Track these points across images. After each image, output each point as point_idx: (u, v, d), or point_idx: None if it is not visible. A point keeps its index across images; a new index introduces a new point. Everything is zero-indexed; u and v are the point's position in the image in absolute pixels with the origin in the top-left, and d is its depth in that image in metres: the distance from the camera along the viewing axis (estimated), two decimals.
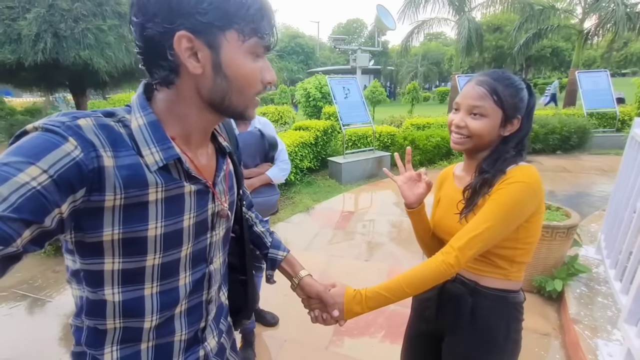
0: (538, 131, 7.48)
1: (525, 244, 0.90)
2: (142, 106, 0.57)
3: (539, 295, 2.49)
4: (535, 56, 24.21)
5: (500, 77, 0.90)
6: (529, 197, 0.84)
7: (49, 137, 0.46)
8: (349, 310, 0.86)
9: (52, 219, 0.45)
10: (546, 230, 2.36)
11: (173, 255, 0.60)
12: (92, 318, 0.60)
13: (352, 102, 6.26)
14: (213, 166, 0.68)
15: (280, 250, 0.94)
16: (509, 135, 0.92)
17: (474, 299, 0.94)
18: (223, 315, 0.80)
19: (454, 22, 14.13)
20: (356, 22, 47.54)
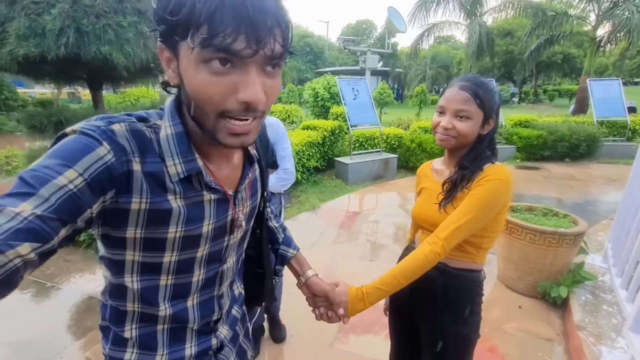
0: (547, 138, 7.45)
1: (491, 233, 1.02)
2: (172, 115, 0.58)
3: (543, 301, 2.50)
4: (545, 62, 24.00)
5: (480, 82, 1.01)
6: (503, 193, 0.96)
7: (85, 140, 0.48)
8: (352, 308, 0.92)
9: (84, 219, 0.48)
10: (553, 237, 2.37)
11: (189, 254, 0.63)
12: (114, 299, 0.65)
13: (360, 103, 6.28)
14: (238, 175, 0.69)
15: (291, 248, 0.98)
16: (484, 134, 1.03)
17: (445, 279, 1.06)
18: (237, 304, 0.84)
19: (465, 25, 14.07)
20: (366, 23, 47.48)
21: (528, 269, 2.53)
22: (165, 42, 0.50)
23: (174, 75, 0.52)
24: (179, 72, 0.51)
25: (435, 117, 1.06)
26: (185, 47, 0.47)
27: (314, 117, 10.03)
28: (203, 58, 0.46)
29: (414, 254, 0.95)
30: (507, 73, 29.30)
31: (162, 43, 0.51)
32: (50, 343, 2.10)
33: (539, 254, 2.45)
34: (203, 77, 0.47)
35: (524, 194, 5.24)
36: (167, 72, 0.53)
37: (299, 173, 5.38)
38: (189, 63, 0.48)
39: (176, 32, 0.47)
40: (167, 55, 0.52)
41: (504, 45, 24.01)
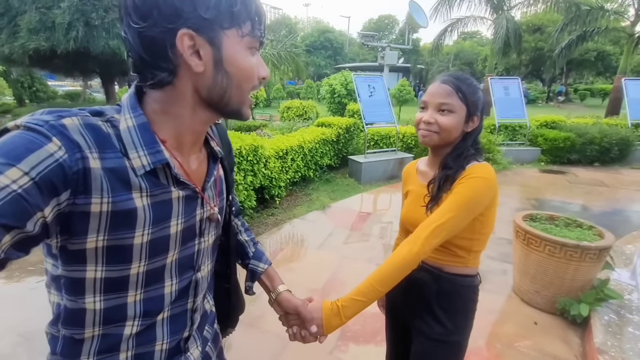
0: (575, 141, 7.05)
1: (480, 234, 0.99)
2: (133, 107, 0.55)
3: (561, 318, 2.33)
4: (577, 60, 22.75)
5: (461, 77, 0.98)
6: (486, 191, 0.92)
7: (31, 136, 0.44)
8: (327, 324, 0.84)
9: (35, 224, 0.44)
10: (575, 250, 2.20)
11: (158, 262, 0.58)
12: (69, 327, 0.57)
13: (376, 100, 6.13)
14: (204, 171, 0.66)
15: (262, 262, 0.92)
16: (468, 132, 0.99)
17: (439, 285, 1.03)
18: (208, 323, 0.78)
19: (491, 21, 13.49)
20: (388, 18, 46.54)
21: (546, 283, 2.37)
22: (200, 31, 0.51)
23: (200, 63, 0.53)
24: (214, 58, 0.53)
25: (418, 113, 1.04)
26: (232, 35, 0.53)
27: (330, 114, 9.93)
28: (249, 45, 0.55)
29: (391, 258, 0.88)
30: (535, 71, 27.99)
31: (194, 32, 0.51)
32: None
33: (559, 267, 2.28)
34: (250, 60, 0.57)
35: (547, 199, 4.97)
36: (191, 59, 0.52)
37: (311, 171, 5.33)
38: (237, 48, 0.54)
39: (223, 22, 0.52)
40: (197, 43, 0.51)
41: (533, 41, 22.91)
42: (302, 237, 3.69)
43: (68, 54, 3.57)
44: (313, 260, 3.19)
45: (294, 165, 4.83)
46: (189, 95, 0.55)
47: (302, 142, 5.04)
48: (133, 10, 0.49)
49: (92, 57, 3.73)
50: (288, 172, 4.68)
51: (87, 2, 3.60)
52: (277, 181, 4.33)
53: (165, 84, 0.54)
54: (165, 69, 0.52)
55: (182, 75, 0.53)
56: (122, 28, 0.52)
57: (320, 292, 2.64)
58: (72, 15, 3.50)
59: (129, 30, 0.51)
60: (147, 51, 0.51)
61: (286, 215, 4.20)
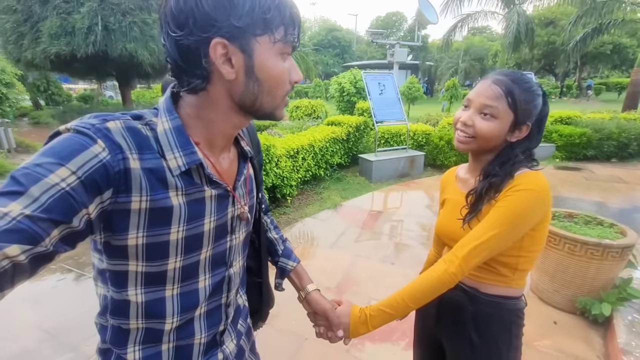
0: (591, 136, 6.88)
1: (529, 252, 0.87)
2: (169, 110, 0.58)
3: (582, 318, 2.28)
4: (592, 53, 22.16)
5: (518, 79, 0.85)
6: (537, 206, 0.81)
7: (79, 138, 0.48)
8: (354, 330, 0.84)
9: (80, 220, 0.47)
10: (596, 249, 2.15)
11: (193, 258, 0.61)
12: (116, 317, 0.62)
13: (387, 98, 6.09)
14: (234, 170, 0.69)
15: (291, 260, 0.95)
16: (517, 141, 0.88)
17: (475, 307, 0.92)
18: (242, 317, 0.81)
19: (502, 15, 13.26)
20: (396, 16, 46.16)
21: (566, 282, 2.32)
22: (232, 39, 0.52)
23: (232, 71, 0.54)
24: (246, 65, 0.54)
25: (459, 111, 0.93)
26: (265, 42, 0.53)
27: (339, 112, 9.90)
28: (281, 50, 0.56)
29: (426, 274, 0.84)
30: (548, 65, 27.41)
31: (227, 40, 0.52)
32: (78, 330, 2.19)
33: (580, 266, 2.23)
34: (282, 65, 0.57)
35: (562, 196, 4.86)
36: (223, 67, 0.53)
37: (322, 169, 5.33)
38: (269, 55, 0.55)
39: (256, 30, 0.52)
40: (229, 51, 0.52)
41: (545, 35, 22.41)
42: (314, 236, 3.70)
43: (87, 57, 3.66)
44: (326, 259, 3.19)
45: (305, 164, 4.84)
46: (222, 101, 0.57)
47: (313, 141, 5.04)
48: (171, 19, 0.51)
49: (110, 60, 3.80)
50: (299, 171, 4.69)
51: (106, 7, 3.66)
52: (288, 180, 4.35)
53: (199, 90, 0.56)
54: (199, 76, 0.54)
55: (215, 82, 0.55)
56: (161, 35, 0.54)
57: (334, 291, 2.64)
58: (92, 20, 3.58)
59: (167, 38, 0.53)
60: (183, 58, 0.53)
61: (298, 214, 4.21)
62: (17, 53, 5.91)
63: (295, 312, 2.19)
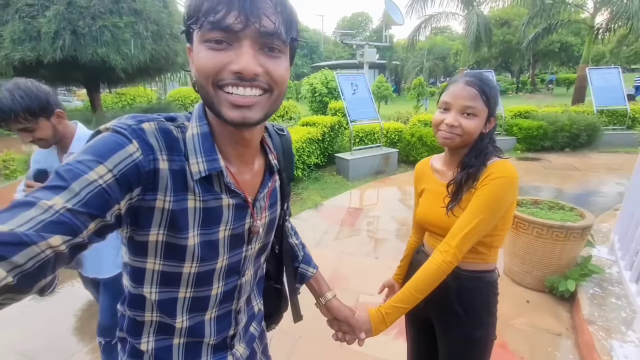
0: (547, 128, 7.42)
1: (501, 231, 1.00)
2: (200, 116, 0.60)
3: (551, 295, 2.49)
4: (543, 51, 23.82)
5: (485, 78, 0.98)
6: (511, 190, 0.94)
7: (117, 138, 0.50)
8: (376, 330, 0.92)
9: (112, 214, 0.49)
10: (560, 231, 2.36)
11: (209, 266, 0.63)
12: (133, 309, 0.66)
13: (360, 98, 6.23)
14: (258, 182, 0.68)
15: (311, 267, 0.97)
16: (486, 132, 1.00)
17: (458, 283, 1.03)
18: (256, 320, 0.82)
19: (462, 16, 13.94)
20: (361, 16, 47.02)
21: (535, 263, 2.52)
22: (189, 40, 0.54)
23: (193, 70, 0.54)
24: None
25: (437, 114, 1.02)
26: (196, 33, 0.52)
27: (312, 113, 9.96)
28: (202, 38, 0.50)
29: (425, 266, 0.94)
30: (505, 63, 29.13)
31: (188, 42, 0.55)
32: (58, 351, 2.08)
33: (546, 248, 2.44)
34: (203, 54, 0.51)
35: (525, 185, 5.22)
36: (192, 68, 0.55)
37: (300, 170, 5.35)
38: (196, 47, 0.52)
39: (191, 25, 0.51)
40: (191, 53, 0.54)
41: (501, 35, 23.80)
42: None
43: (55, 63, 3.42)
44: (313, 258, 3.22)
45: None
46: None
47: None
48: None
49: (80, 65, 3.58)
50: None
51: (74, 10, 3.44)
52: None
53: None
54: None
55: None
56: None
57: None
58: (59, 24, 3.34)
59: None
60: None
61: None
62: None
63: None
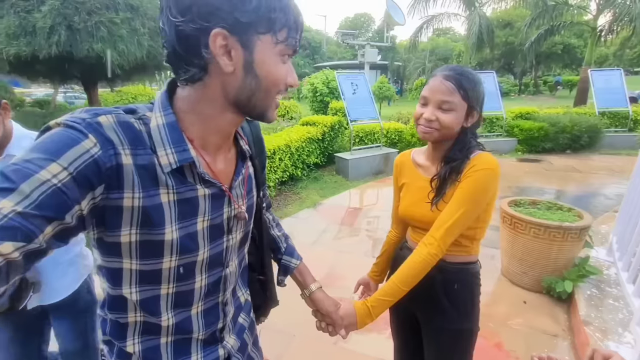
0: (548, 130, 7.40)
1: (483, 223, 1.01)
2: (164, 105, 0.57)
3: (548, 296, 2.48)
4: (546, 53, 23.77)
5: (463, 72, 0.96)
6: (493, 182, 0.94)
7: (69, 133, 0.47)
8: (361, 323, 0.93)
9: (73, 216, 0.46)
10: (558, 231, 2.35)
11: (190, 258, 0.60)
12: (114, 312, 0.62)
13: (360, 97, 6.22)
14: (231, 170, 0.67)
15: (294, 258, 0.96)
16: (468, 127, 0.99)
17: (443, 275, 1.03)
18: (245, 311, 0.81)
19: (464, 17, 13.93)
20: (364, 17, 47.08)
21: (532, 263, 2.51)
22: (234, 32, 0.51)
23: (230, 63, 0.53)
24: (245, 60, 0.54)
25: (418, 108, 1.02)
26: (267, 40, 0.54)
27: (313, 112, 9.96)
28: (282, 52, 0.56)
29: (411, 259, 0.94)
30: (507, 64, 29.07)
31: (228, 32, 0.51)
32: None
33: (544, 248, 2.43)
34: (281, 66, 0.57)
35: (526, 186, 5.20)
36: (221, 59, 0.52)
37: (299, 169, 5.35)
38: (269, 54, 0.55)
39: (259, 27, 0.52)
40: (229, 43, 0.52)
41: (504, 36, 23.77)
42: (295, 235, 3.72)
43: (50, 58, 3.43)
44: (309, 257, 3.15)
45: (282, 165, 4.84)
46: (218, 95, 0.56)
47: (289, 141, 5.06)
48: (173, 4, 0.50)
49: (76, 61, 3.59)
50: (276, 172, 4.69)
51: (69, 6, 3.45)
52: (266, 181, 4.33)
53: (195, 81, 0.55)
54: (196, 65, 0.53)
55: (212, 74, 0.54)
56: (160, 18, 0.53)
57: None
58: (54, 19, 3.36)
59: (167, 22, 0.52)
60: (181, 45, 0.52)
61: (277, 215, 4.16)
62: None
63: (282, 311, 2.21)
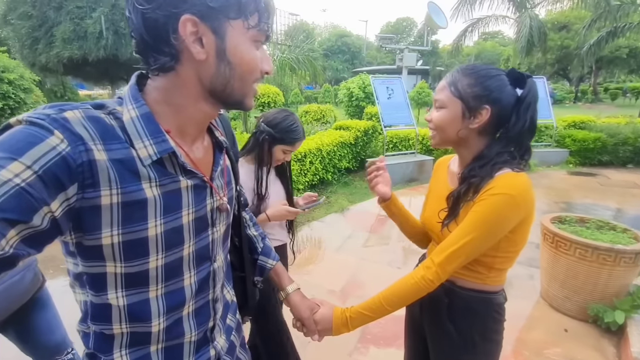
0: (606, 141, 6.72)
1: (506, 253, 0.87)
2: (135, 98, 0.54)
3: (594, 325, 2.21)
4: (607, 57, 21.67)
5: (466, 68, 0.89)
6: (512, 210, 0.79)
7: (32, 130, 0.44)
8: (336, 330, 0.88)
9: (42, 218, 0.43)
10: (608, 254, 2.09)
11: (175, 254, 0.58)
12: (98, 323, 0.58)
13: (395, 102, 6.08)
14: (210, 160, 0.66)
15: (270, 259, 0.94)
16: (494, 136, 0.89)
17: (450, 299, 0.94)
18: (231, 312, 0.80)
19: (514, 19, 13.13)
20: (406, 21, 46.25)
21: (577, 288, 2.26)
22: (204, 18, 0.50)
23: (202, 51, 0.52)
24: (217, 47, 0.52)
25: None
26: (238, 26, 0.53)
27: (348, 117, 9.92)
28: (254, 37, 0.55)
29: (403, 279, 0.87)
30: (562, 70, 26.91)
31: (198, 19, 0.50)
32: None
33: (591, 272, 2.17)
34: (254, 52, 0.56)
35: (577, 202, 4.75)
36: (192, 46, 0.51)
37: (330, 174, 5.33)
38: (241, 40, 0.54)
39: (229, 12, 0.51)
40: (199, 30, 0.51)
41: (559, 39, 22.06)
42: (320, 240, 3.69)
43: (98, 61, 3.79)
44: (332, 263, 3.18)
45: (313, 168, 4.85)
46: (192, 84, 0.55)
47: (321, 145, 5.06)
48: None
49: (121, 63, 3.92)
50: (307, 175, 4.71)
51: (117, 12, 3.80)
52: (295, 184, 4.36)
53: (167, 70, 0.53)
54: (167, 54, 0.52)
55: (184, 62, 0.53)
56: (127, 7, 0.51)
57: (338, 294, 2.63)
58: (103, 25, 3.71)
59: (133, 10, 0.50)
60: (149, 33, 0.50)
61: (304, 218, 4.21)
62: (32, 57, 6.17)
63: None
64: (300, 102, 19.69)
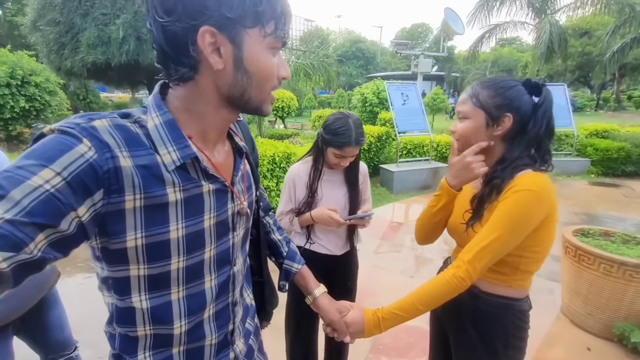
0: (631, 151, 6.47)
1: (532, 252, 0.89)
2: (158, 106, 0.57)
3: (619, 345, 2.10)
4: (632, 64, 21.00)
5: (486, 80, 0.95)
6: (535, 206, 0.83)
7: (63, 139, 0.46)
8: (368, 332, 0.88)
9: (70, 223, 0.45)
10: (636, 270, 1.99)
11: (197, 257, 0.60)
12: (123, 325, 0.60)
13: (410, 109, 6.03)
14: (231, 165, 0.67)
15: (296, 263, 0.94)
16: (514, 141, 0.91)
17: (474, 304, 0.95)
18: (250, 316, 0.80)
19: (533, 25, 12.86)
20: (421, 27, 46.04)
21: (601, 305, 2.16)
22: (222, 29, 0.51)
23: (220, 61, 0.53)
24: (234, 57, 0.53)
25: None
26: (255, 34, 0.53)
27: None
28: (271, 45, 0.56)
29: (436, 278, 0.88)
30: (583, 77, 26.19)
31: (216, 29, 0.51)
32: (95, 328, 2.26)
33: (616, 288, 2.07)
34: (271, 59, 0.57)
35: (599, 214, 4.57)
36: (211, 57, 0.52)
37: None
38: (258, 48, 0.54)
39: (246, 22, 0.52)
40: (218, 40, 0.51)
41: (580, 46, 21.53)
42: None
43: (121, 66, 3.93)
44: None
45: None
46: (210, 93, 0.56)
47: None
48: (158, 4, 0.50)
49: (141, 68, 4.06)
50: None
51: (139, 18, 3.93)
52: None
53: (186, 80, 0.55)
54: (186, 65, 0.53)
55: (203, 72, 0.54)
56: (148, 20, 0.52)
57: None
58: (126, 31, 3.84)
59: (154, 22, 0.51)
60: (169, 45, 0.52)
61: None
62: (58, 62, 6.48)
63: None
64: (313, 107, 19.79)
